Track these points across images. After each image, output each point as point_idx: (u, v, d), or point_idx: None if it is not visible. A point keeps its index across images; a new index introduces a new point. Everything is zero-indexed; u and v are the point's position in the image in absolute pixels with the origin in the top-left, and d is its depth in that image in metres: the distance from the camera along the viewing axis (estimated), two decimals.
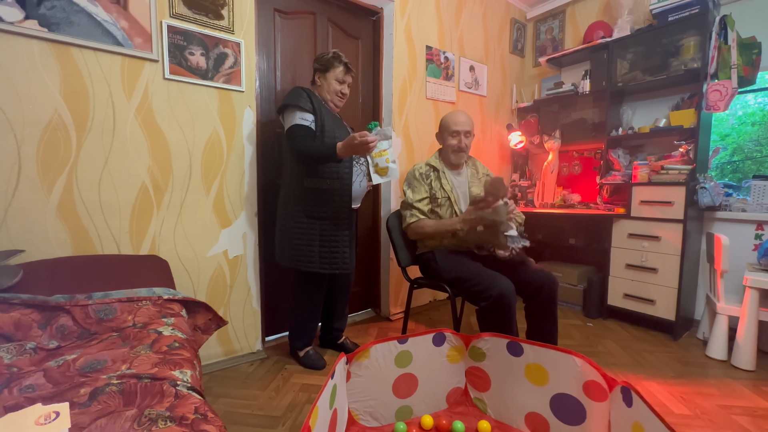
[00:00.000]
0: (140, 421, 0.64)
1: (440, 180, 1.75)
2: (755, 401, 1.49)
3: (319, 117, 1.56)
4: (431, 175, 1.76)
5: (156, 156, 1.50)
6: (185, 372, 0.83)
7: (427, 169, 1.77)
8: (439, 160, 1.80)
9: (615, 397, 1.07)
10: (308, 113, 1.55)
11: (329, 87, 1.65)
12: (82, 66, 1.33)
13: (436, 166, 1.77)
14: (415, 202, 1.72)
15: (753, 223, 2.09)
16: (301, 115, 1.54)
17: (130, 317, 1.07)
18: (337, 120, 1.68)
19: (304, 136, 1.53)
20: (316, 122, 1.56)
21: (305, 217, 1.59)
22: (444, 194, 1.74)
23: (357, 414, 1.28)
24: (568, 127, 2.81)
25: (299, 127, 1.53)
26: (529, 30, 3.19)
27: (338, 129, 1.63)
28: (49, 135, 1.29)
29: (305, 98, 1.55)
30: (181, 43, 1.51)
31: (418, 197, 1.73)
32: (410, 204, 1.74)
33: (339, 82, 1.66)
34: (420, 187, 1.74)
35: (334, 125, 1.61)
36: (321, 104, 1.61)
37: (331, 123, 1.60)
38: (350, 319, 2.33)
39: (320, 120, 1.56)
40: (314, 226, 1.59)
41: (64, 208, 1.34)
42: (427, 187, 1.74)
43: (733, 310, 1.83)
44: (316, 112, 1.56)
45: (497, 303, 1.37)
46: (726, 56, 1.98)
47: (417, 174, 1.76)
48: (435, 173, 1.77)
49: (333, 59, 1.64)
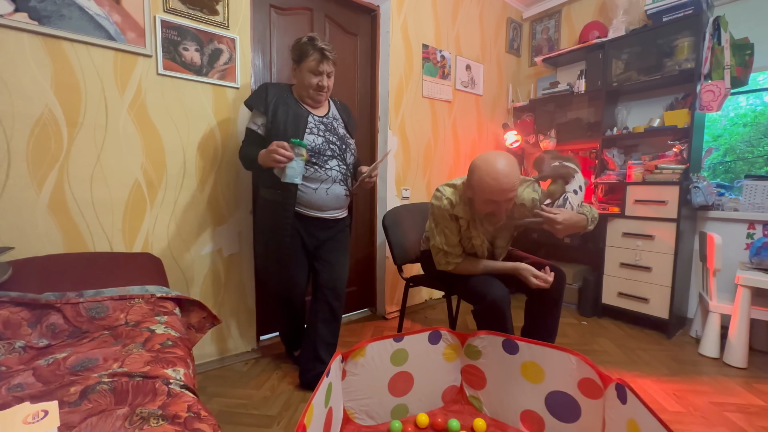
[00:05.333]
0: (132, 419, 0.63)
1: (470, 230, 1.45)
2: (747, 398, 1.51)
3: (270, 117, 1.38)
4: (461, 221, 1.44)
5: (149, 152, 1.49)
6: (178, 370, 0.82)
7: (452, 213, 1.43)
8: (465, 208, 1.41)
9: (610, 395, 1.07)
10: (260, 116, 1.40)
11: (303, 80, 1.41)
12: (74, 60, 1.31)
13: (460, 215, 1.42)
14: (449, 247, 1.46)
15: (745, 222, 2.11)
16: (253, 118, 1.43)
17: (123, 315, 1.06)
18: (303, 118, 1.40)
19: (248, 141, 1.42)
20: (266, 125, 1.40)
21: (262, 228, 1.50)
22: (471, 246, 1.49)
23: (352, 412, 1.27)
24: (564, 126, 2.82)
25: (248, 131, 1.43)
26: (525, 29, 3.20)
27: (298, 128, 1.38)
28: (40, 130, 1.27)
29: (261, 98, 1.40)
30: (175, 38, 1.49)
31: (453, 241, 1.45)
32: (444, 250, 1.47)
33: (314, 73, 1.39)
34: (452, 227, 1.44)
35: (293, 123, 1.38)
36: (285, 101, 1.41)
37: (291, 121, 1.38)
38: (346, 319, 2.32)
39: (272, 120, 1.38)
40: (266, 237, 1.48)
41: (55, 204, 1.31)
42: (457, 228, 1.45)
43: (725, 309, 1.85)
44: (269, 111, 1.38)
45: (489, 309, 1.35)
46: (719, 57, 2.00)
47: (447, 214, 1.42)
48: (464, 221, 1.43)
49: (306, 45, 1.37)
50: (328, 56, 1.39)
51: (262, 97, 1.41)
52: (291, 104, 1.43)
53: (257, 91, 1.44)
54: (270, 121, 1.39)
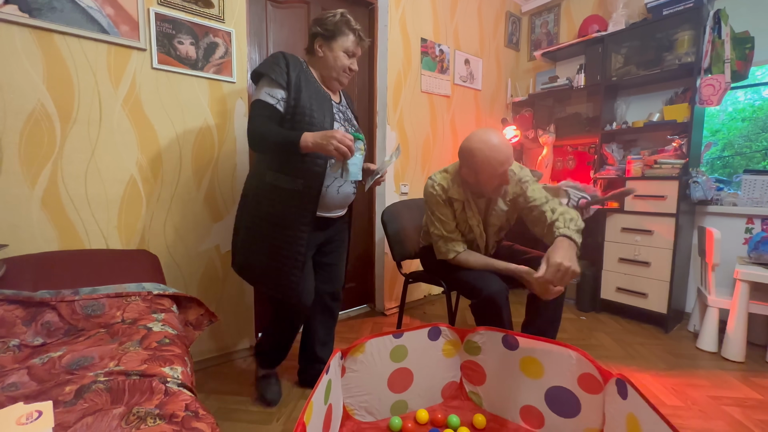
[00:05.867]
0: (128, 419, 0.62)
1: (465, 212, 1.47)
2: (745, 392, 1.51)
3: (293, 94, 1.20)
4: (455, 205, 1.46)
5: (145, 148, 1.46)
6: (176, 368, 0.81)
7: (447, 197, 1.45)
8: (459, 189, 1.44)
9: (610, 390, 1.07)
10: (279, 88, 1.20)
11: (335, 61, 1.28)
12: (66, 54, 1.29)
13: (456, 197, 1.44)
14: (448, 232, 1.46)
15: (743, 217, 2.11)
16: (269, 90, 1.20)
17: (119, 313, 1.04)
18: (327, 102, 1.29)
19: (263, 116, 1.19)
20: (288, 101, 1.21)
21: (258, 220, 1.27)
22: (467, 228, 1.50)
23: (352, 409, 1.27)
24: (563, 121, 2.81)
25: (261, 104, 1.19)
26: (524, 23, 3.17)
27: (324, 114, 1.25)
28: (32, 125, 1.25)
29: (281, 68, 1.21)
30: (169, 31, 1.47)
31: (450, 227, 1.46)
32: (443, 236, 1.47)
33: (348, 55, 1.29)
34: (447, 213, 1.46)
35: (318, 107, 1.24)
36: (307, 78, 1.25)
37: (315, 104, 1.24)
38: (345, 315, 2.32)
39: (295, 98, 1.21)
40: (265, 233, 1.26)
41: (49, 201, 1.29)
42: (451, 212, 1.47)
43: (723, 303, 1.85)
44: (291, 87, 1.21)
45: (486, 303, 1.35)
46: (719, 50, 1.99)
47: (440, 199, 1.45)
48: (459, 204, 1.46)
49: (342, 24, 1.26)
50: (363, 39, 1.31)
51: (282, 67, 1.21)
52: (312, 84, 1.27)
53: (274, 58, 1.23)
54: (293, 99, 1.21)
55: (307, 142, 1.10)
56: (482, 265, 1.45)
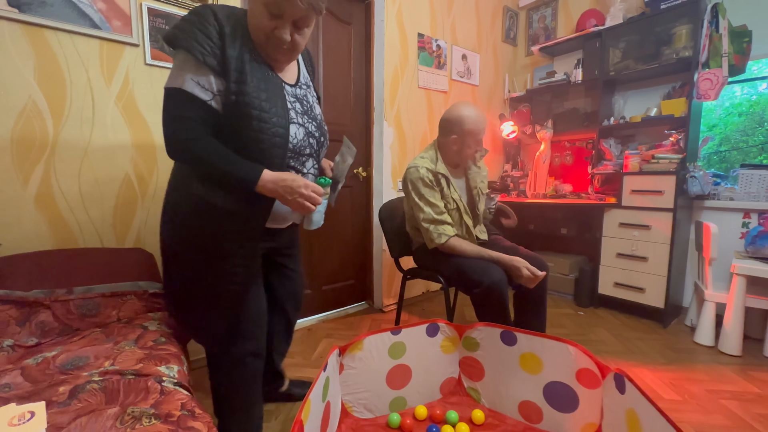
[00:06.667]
0: (123, 419, 0.61)
1: (450, 188, 1.52)
2: (742, 385, 1.52)
3: (234, 83, 0.82)
4: (441, 182, 1.51)
5: (139, 145, 1.45)
6: (172, 367, 0.80)
7: (434, 175, 1.50)
8: (443, 165, 1.52)
9: (608, 385, 1.07)
10: (211, 74, 0.80)
11: (252, 18, 0.85)
12: (57, 50, 1.26)
13: (443, 172, 1.51)
14: (438, 215, 1.48)
15: (740, 211, 2.12)
16: (195, 76, 0.80)
17: (115, 312, 1.04)
18: (279, 89, 0.90)
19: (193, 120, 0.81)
20: (226, 95, 0.82)
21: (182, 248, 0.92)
22: (453, 205, 1.53)
23: (351, 406, 1.27)
24: (561, 116, 2.80)
25: (188, 99, 0.80)
26: (522, 18, 3.16)
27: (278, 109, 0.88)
28: (24, 123, 1.23)
29: (210, 39, 0.79)
30: (162, 26, 1.45)
31: (441, 208, 1.49)
32: (433, 219, 1.48)
33: (273, 15, 0.83)
34: (436, 195, 1.49)
35: (271, 100, 0.87)
36: (251, 52, 0.85)
37: (266, 94, 0.86)
38: (343, 312, 2.31)
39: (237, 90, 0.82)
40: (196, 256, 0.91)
41: (42, 199, 1.28)
42: (439, 193, 1.51)
43: (720, 297, 1.85)
44: (230, 71, 0.81)
45: (488, 292, 1.35)
46: (717, 44, 1.98)
47: (427, 180, 1.48)
48: (444, 179, 1.51)
49: None
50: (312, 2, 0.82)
51: (213, 37, 0.80)
52: (257, 59, 0.87)
53: (200, 17, 0.80)
54: (234, 92, 0.82)
55: (265, 185, 0.84)
56: (475, 253, 1.47)
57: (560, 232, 2.70)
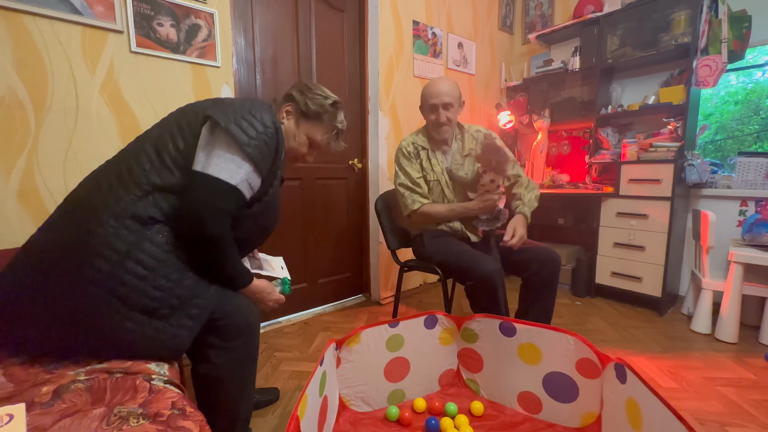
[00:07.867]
0: (109, 419, 0.58)
1: (430, 161, 1.59)
2: (739, 372, 1.53)
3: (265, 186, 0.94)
4: (421, 155, 1.59)
5: (126, 136, 1.40)
6: (162, 365, 0.78)
7: (414, 148, 1.59)
8: (424, 137, 1.62)
9: (608, 374, 1.06)
10: (260, 177, 0.91)
11: (297, 146, 1.05)
12: (37, 36, 1.21)
13: (423, 145, 1.59)
14: (413, 184, 1.56)
15: (738, 199, 2.11)
16: (251, 178, 0.88)
17: None
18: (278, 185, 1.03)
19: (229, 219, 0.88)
20: (258, 193, 0.94)
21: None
22: (434, 177, 1.58)
23: (348, 399, 1.25)
24: (558, 106, 2.77)
25: (237, 196, 0.87)
26: (518, 5, 3.10)
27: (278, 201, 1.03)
28: (3, 114, 1.18)
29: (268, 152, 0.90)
30: (147, 12, 1.39)
31: (415, 176, 1.56)
32: (408, 186, 1.56)
33: (311, 145, 1.07)
34: (413, 165, 1.57)
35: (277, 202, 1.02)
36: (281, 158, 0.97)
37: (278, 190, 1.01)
38: (340, 305, 2.30)
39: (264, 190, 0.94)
40: None
41: (25, 194, 1.23)
42: (418, 167, 1.58)
43: (717, 285, 1.86)
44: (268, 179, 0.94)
45: (480, 284, 1.33)
46: (716, 30, 1.95)
47: (405, 152, 1.58)
48: (424, 152, 1.59)
49: (328, 113, 1.05)
50: (339, 140, 1.13)
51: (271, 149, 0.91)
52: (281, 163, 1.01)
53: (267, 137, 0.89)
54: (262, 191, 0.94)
55: (251, 288, 0.96)
56: (446, 211, 1.55)
57: (557, 222, 2.69)
